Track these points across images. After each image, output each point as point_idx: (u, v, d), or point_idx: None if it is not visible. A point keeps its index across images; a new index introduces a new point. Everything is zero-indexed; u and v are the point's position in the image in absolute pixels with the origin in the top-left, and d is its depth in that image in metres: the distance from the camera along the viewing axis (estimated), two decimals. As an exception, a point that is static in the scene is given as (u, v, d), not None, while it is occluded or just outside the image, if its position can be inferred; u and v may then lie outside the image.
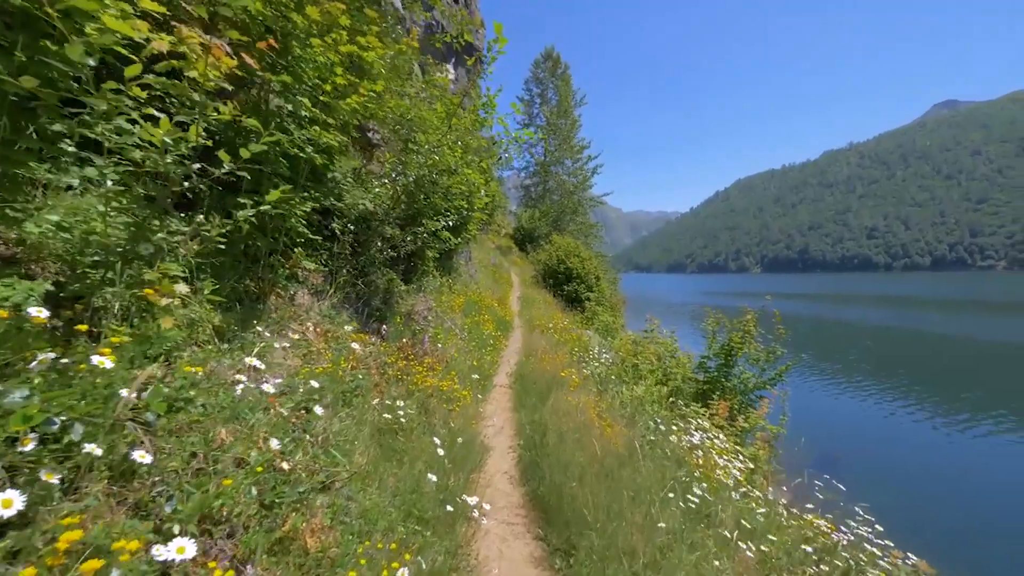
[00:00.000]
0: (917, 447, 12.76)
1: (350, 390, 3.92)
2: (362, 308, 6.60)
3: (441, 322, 8.12)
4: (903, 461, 11.62)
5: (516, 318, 12.41)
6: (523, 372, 6.74)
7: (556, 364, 6.63)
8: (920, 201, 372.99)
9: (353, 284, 6.64)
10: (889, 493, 9.20)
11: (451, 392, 5.04)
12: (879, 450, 12.30)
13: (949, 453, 12.32)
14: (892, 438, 13.19)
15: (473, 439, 4.01)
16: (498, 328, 9.92)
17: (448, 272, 9.82)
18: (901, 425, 14.11)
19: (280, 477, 2.53)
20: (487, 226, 26.25)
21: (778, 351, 8.85)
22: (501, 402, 6.13)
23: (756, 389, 9.10)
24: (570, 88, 37.94)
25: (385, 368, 4.86)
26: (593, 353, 8.68)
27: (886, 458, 11.71)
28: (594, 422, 3.98)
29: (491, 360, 7.48)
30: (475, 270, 13.53)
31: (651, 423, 4.53)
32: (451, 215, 7.53)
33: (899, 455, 12.06)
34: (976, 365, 22.91)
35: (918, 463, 11.52)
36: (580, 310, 18.55)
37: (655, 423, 4.63)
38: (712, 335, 9.67)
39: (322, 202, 4.70)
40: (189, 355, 2.84)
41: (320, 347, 4.31)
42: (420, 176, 5.96)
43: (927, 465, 11.45)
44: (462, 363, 6.44)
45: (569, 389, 5.39)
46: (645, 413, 4.91)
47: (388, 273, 7.47)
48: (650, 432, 4.47)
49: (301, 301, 5.22)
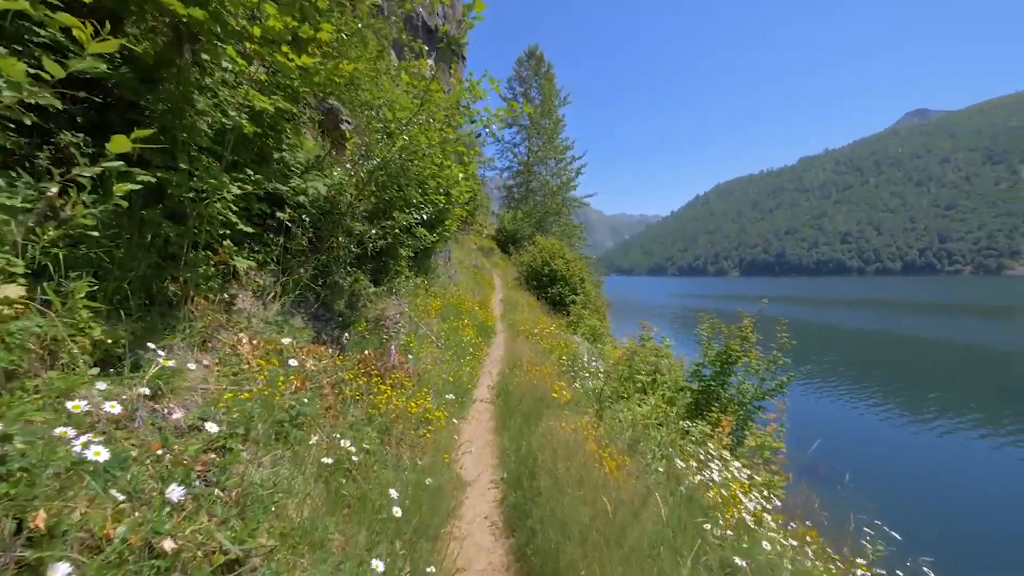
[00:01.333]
0: (917, 451, 12.62)
1: (290, 419, 3.11)
2: (322, 314, 5.77)
3: (415, 328, 7.31)
4: (906, 468, 11.47)
5: (498, 322, 11.64)
6: (507, 385, 5.97)
7: (544, 376, 5.88)
8: (892, 207, 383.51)
9: (312, 286, 5.81)
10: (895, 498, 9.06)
11: (422, 414, 4.25)
12: (879, 457, 12.04)
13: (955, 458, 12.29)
14: (895, 444, 13.04)
15: (443, 483, 3.22)
16: (479, 334, 9.14)
17: (424, 273, 9.00)
18: (911, 434, 14.00)
19: (158, 567, 1.72)
20: (468, 226, 25.42)
21: (780, 360, 8.23)
22: (481, 421, 5.35)
23: (755, 400, 8.48)
24: (553, 87, 37.36)
25: (342, 387, 4.05)
26: (583, 362, 7.95)
27: (882, 465, 11.46)
28: (595, 457, 3.24)
29: (471, 372, 6.69)
30: (455, 271, 12.73)
31: (659, 452, 3.81)
32: (426, 208, 6.73)
33: (900, 460, 11.94)
34: (965, 368, 23.15)
35: (927, 471, 11.38)
36: (565, 313, 17.87)
37: (663, 452, 3.92)
38: (707, 341, 9.03)
39: (263, 185, 3.87)
40: (42, 384, 2.02)
41: (257, 363, 3.48)
42: (388, 160, 5.15)
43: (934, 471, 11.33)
44: (437, 376, 5.65)
45: (560, 408, 4.65)
46: (651, 438, 4.19)
47: (354, 273, 6.63)
48: (657, 461, 3.75)
49: (242, 306, 4.38)
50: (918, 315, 51.44)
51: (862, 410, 15.99)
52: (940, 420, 14.88)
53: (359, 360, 4.52)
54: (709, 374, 8.88)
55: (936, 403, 16.53)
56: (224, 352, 3.46)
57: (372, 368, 4.42)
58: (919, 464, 12.08)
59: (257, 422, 2.90)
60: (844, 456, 11.06)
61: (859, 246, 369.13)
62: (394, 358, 4.64)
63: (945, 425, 14.43)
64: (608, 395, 5.33)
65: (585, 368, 7.69)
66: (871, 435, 13.92)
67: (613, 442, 3.81)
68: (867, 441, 13.42)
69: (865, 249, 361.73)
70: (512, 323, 11.26)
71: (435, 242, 8.45)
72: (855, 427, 14.56)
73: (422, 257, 8.86)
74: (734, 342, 8.77)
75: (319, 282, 5.86)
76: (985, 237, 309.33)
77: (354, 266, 6.67)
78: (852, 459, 11.22)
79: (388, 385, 4.50)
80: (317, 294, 5.81)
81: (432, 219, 7.43)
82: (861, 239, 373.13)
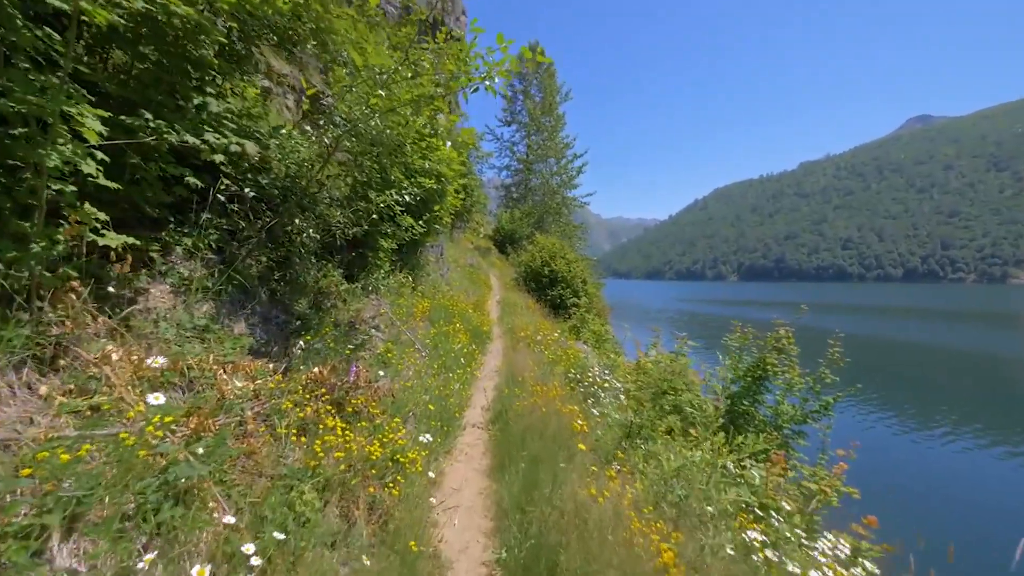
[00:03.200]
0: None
1: (162, 486, 1.96)
2: (275, 316, 4.62)
3: (397, 334, 6.16)
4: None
5: (495, 326, 10.49)
6: (505, 408, 4.82)
7: (552, 397, 4.73)
8: (894, 213, 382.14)
9: (266, 280, 4.67)
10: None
11: (390, 455, 3.10)
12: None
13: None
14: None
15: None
16: (473, 339, 8.00)
17: (412, 269, 7.85)
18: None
19: None
20: (464, 223, 24.29)
21: (827, 377, 7.07)
22: (473, 457, 4.19)
23: (792, 423, 7.31)
24: (555, 83, 36.25)
25: (278, 420, 2.90)
26: (594, 375, 6.79)
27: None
28: (642, 545, 2.10)
29: (462, 389, 5.53)
30: (448, 269, 11.57)
31: (725, 529, 2.66)
32: (409, 189, 5.60)
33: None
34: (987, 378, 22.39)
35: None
36: (566, 317, 16.73)
37: (724, 517, 2.78)
38: (738, 353, 7.89)
39: (164, 134, 2.73)
40: None
41: (129, 392, 2.33)
42: (356, 120, 4.00)
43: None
44: (418, 396, 4.49)
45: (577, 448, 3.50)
46: (704, 492, 3.03)
47: (323, 267, 5.49)
48: (719, 533, 2.61)
49: (157, 303, 3.24)
50: (943, 322, 50.70)
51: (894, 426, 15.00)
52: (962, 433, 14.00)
53: (311, 379, 3.37)
54: (738, 389, 7.74)
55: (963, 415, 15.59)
56: (83, 376, 2.32)
57: (324, 390, 3.27)
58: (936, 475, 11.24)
59: (94, 498, 1.76)
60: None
61: (860, 252, 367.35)
62: (356, 375, 3.49)
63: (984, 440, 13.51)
64: (635, 425, 4.19)
65: (598, 383, 6.54)
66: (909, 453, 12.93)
67: (658, 508, 2.69)
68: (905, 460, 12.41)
69: (866, 255, 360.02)
70: (510, 328, 10.12)
71: (424, 233, 7.32)
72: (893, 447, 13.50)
73: (409, 251, 7.72)
74: (769, 356, 7.63)
75: (275, 276, 4.73)
76: (989, 245, 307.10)
77: (323, 257, 5.53)
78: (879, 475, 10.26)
79: (349, 410, 3.36)
80: (273, 291, 4.67)
81: (418, 204, 6.29)
82: (862, 245, 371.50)
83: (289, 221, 4.52)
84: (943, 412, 16.02)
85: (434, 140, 6.80)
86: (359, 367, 3.71)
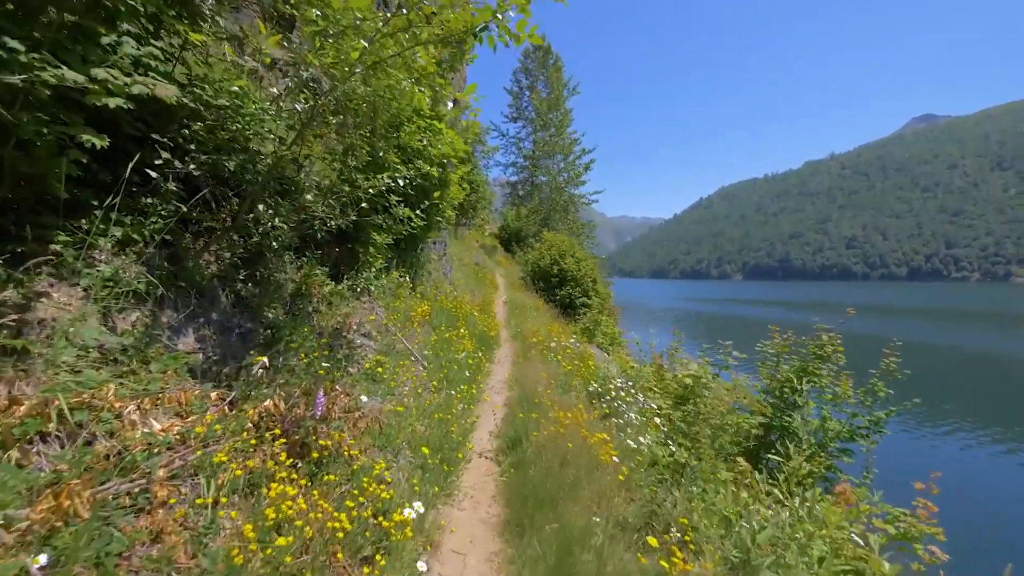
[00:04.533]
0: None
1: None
2: (239, 325, 3.78)
3: (391, 342, 5.31)
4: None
5: (503, 329, 9.64)
6: (519, 435, 3.96)
7: (576, 422, 3.87)
8: (898, 212, 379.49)
9: (229, 280, 3.85)
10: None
11: (365, 526, 2.25)
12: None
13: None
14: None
15: None
16: (479, 346, 7.15)
17: (411, 268, 7.00)
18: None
19: None
20: (470, 220, 23.43)
21: (882, 391, 6.20)
22: (480, 502, 3.33)
23: (837, 440, 6.45)
24: (561, 78, 35.31)
25: (204, 479, 2.05)
26: (615, 387, 5.92)
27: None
28: None
29: (464, 409, 4.66)
30: (451, 268, 10.71)
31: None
32: (405, 174, 4.75)
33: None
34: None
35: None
36: (575, 318, 15.86)
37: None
38: (776, 361, 7.03)
39: (36, 70, 1.89)
40: None
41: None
42: (333, 76, 3.14)
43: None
44: (410, 425, 3.64)
45: (619, 503, 2.64)
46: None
47: (306, 264, 4.64)
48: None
49: (56, 313, 2.42)
50: (971, 324, 49.80)
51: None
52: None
53: (262, 413, 2.52)
54: (773, 402, 6.88)
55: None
56: None
57: (279, 430, 2.42)
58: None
59: None
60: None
61: (864, 251, 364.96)
62: (323, 408, 2.63)
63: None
64: (685, 461, 3.32)
65: (622, 396, 5.67)
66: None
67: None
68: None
69: (871, 254, 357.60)
70: (519, 332, 9.26)
71: (424, 227, 6.47)
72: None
73: (408, 247, 6.87)
74: (811, 364, 6.77)
75: (240, 275, 3.89)
76: (993, 244, 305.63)
77: (303, 253, 4.67)
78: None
79: (315, 455, 2.51)
80: (238, 294, 3.83)
81: (416, 191, 5.44)
82: (867, 244, 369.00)
83: (251, 208, 3.67)
84: (990, 418, 15.11)
85: (435, 123, 5.96)
86: (330, 394, 2.86)
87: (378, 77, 3.46)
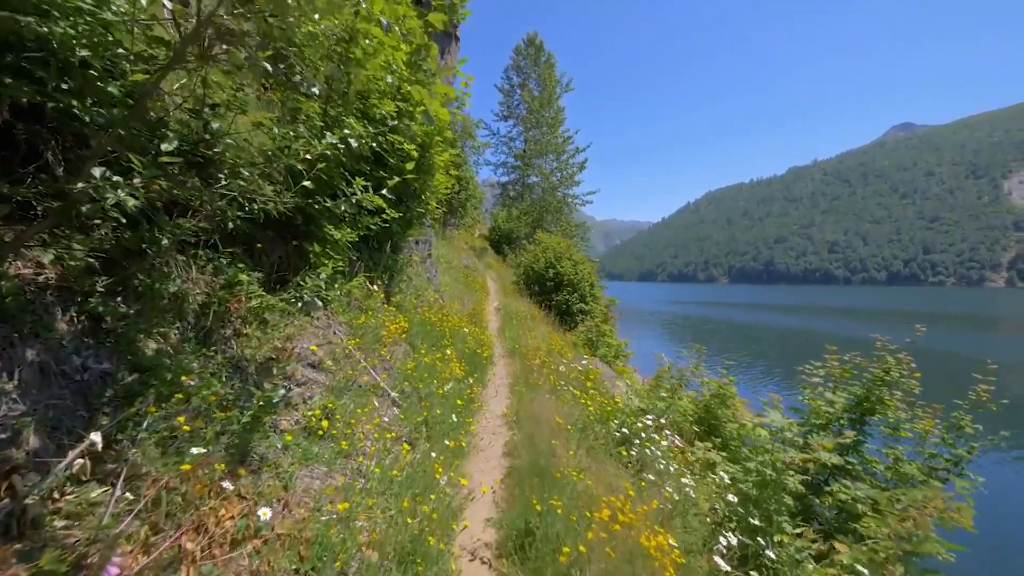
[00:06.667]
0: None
1: None
2: (86, 365, 2.37)
3: (351, 377, 3.90)
4: None
5: (496, 344, 8.27)
6: (528, 526, 2.61)
7: (626, 519, 2.50)
8: (878, 218, 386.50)
9: (75, 292, 2.44)
10: None
11: None
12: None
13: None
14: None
15: None
16: (470, 368, 5.78)
17: (385, 273, 5.59)
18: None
19: None
20: (459, 219, 22.02)
21: (968, 426, 4.98)
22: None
23: (912, 481, 5.20)
24: (554, 75, 34.10)
25: None
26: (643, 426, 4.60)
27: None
28: None
29: (450, 479, 3.26)
30: (437, 272, 9.31)
31: None
32: (359, 131, 3.40)
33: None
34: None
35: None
36: (572, 325, 14.57)
37: None
38: (835, 387, 5.81)
39: None
40: None
41: None
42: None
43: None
44: (354, 538, 2.25)
45: None
46: None
47: (226, 267, 3.24)
48: None
49: None
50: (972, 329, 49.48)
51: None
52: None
53: None
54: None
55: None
56: None
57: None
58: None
59: None
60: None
61: (846, 256, 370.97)
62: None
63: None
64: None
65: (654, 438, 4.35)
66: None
67: None
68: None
69: (852, 259, 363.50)
70: (515, 346, 7.89)
71: (400, 221, 5.09)
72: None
73: (379, 247, 5.47)
74: (876, 390, 5.54)
75: (99, 283, 2.47)
76: (968, 249, 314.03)
77: (221, 251, 3.26)
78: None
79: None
80: (92, 315, 2.41)
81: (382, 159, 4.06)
82: (848, 249, 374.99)
83: (89, 173, 2.23)
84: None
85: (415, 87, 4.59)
86: (118, 565, 1.47)
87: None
